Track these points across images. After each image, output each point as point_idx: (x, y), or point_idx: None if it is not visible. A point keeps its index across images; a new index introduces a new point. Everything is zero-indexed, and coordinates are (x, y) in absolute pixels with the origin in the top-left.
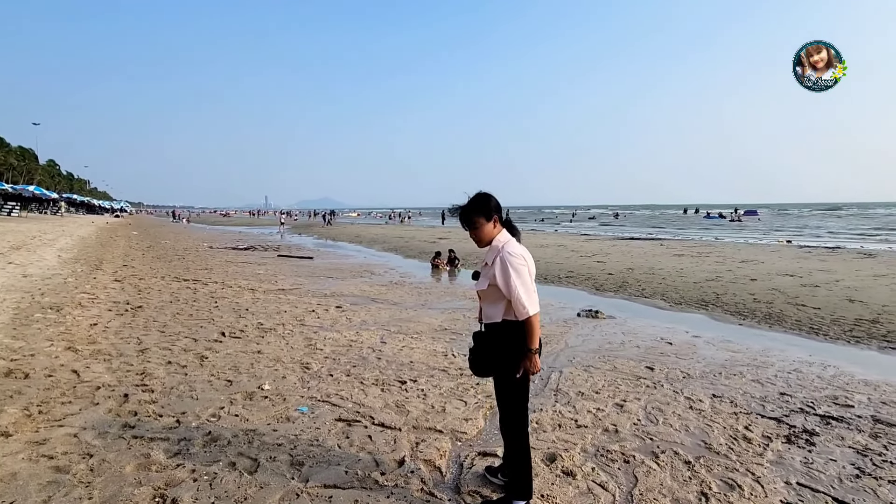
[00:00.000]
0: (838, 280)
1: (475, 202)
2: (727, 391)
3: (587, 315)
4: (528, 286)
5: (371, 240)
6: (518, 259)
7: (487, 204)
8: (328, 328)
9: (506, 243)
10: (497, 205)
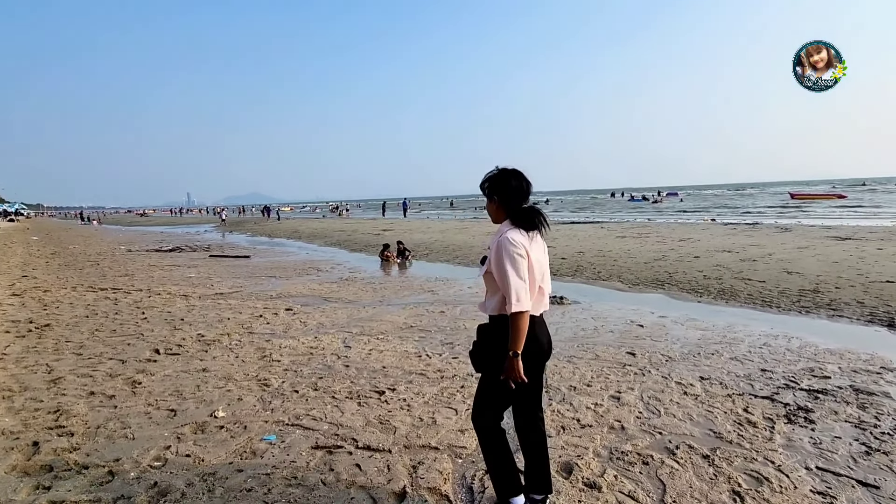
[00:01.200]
0: (770, 254)
1: (488, 175)
2: (712, 372)
3: (552, 301)
4: (522, 278)
5: (311, 235)
6: (517, 248)
7: (493, 182)
8: (281, 335)
9: (510, 230)
10: (505, 187)
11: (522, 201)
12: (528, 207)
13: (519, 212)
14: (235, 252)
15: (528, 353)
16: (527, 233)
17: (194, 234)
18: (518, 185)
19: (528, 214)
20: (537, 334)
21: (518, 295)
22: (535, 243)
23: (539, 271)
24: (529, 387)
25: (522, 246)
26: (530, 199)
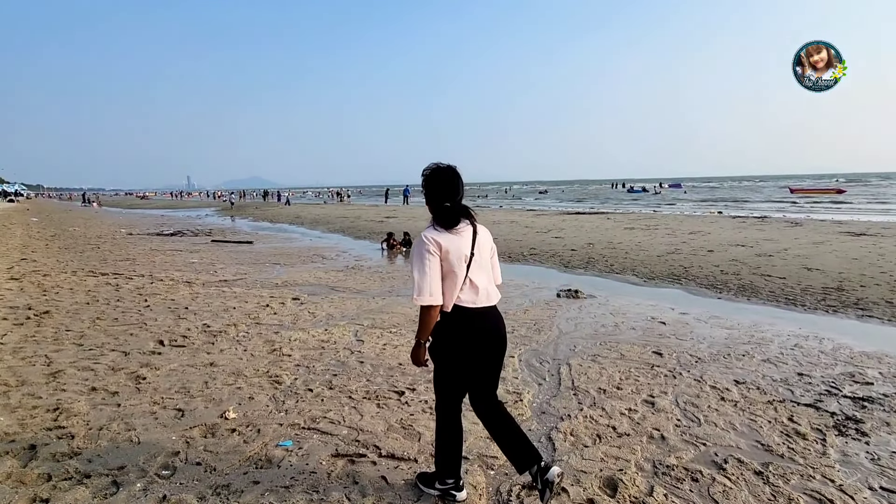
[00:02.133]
0: (786, 249)
1: (422, 174)
2: (747, 375)
3: (567, 295)
4: (428, 274)
5: (313, 221)
6: (428, 245)
7: (423, 181)
8: (290, 326)
9: (428, 228)
10: (429, 186)
11: (445, 199)
12: (450, 206)
13: (440, 210)
14: (238, 237)
15: (467, 344)
16: (447, 230)
17: (195, 219)
18: (440, 185)
19: (447, 213)
20: (475, 326)
21: (420, 288)
22: (460, 238)
23: (461, 265)
24: (476, 376)
25: (435, 243)
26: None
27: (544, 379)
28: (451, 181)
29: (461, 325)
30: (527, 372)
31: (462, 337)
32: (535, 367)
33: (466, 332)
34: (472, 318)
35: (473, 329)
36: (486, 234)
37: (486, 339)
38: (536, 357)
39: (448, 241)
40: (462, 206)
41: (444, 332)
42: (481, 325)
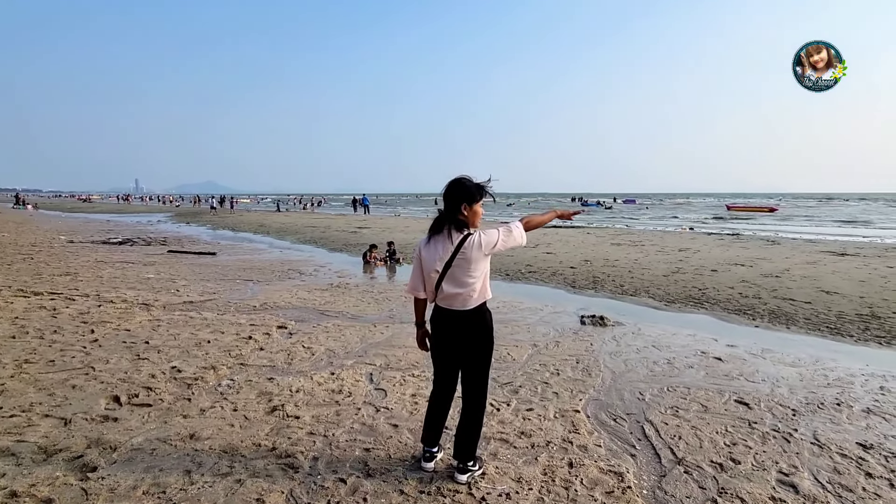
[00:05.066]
0: (786, 269)
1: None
2: (866, 435)
3: (593, 322)
4: (413, 272)
5: (280, 230)
6: (415, 251)
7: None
8: (285, 369)
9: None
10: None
11: (444, 208)
12: (437, 217)
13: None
14: (198, 247)
15: (434, 334)
16: (429, 238)
17: (146, 225)
18: (444, 196)
19: (434, 222)
20: (436, 320)
21: (409, 283)
22: (437, 243)
23: (430, 269)
24: (440, 362)
25: (418, 248)
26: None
27: (634, 447)
28: (444, 193)
29: (433, 318)
30: (605, 435)
31: (432, 328)
32: (612, 428)
33: (431, 324)
34: (435, 314)
35: (433, 323)
36: (474, 243)
37: (441, 334)
38: (606, 411)
39: (425, 246)
40: (445, 216)
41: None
42: (441, 322)
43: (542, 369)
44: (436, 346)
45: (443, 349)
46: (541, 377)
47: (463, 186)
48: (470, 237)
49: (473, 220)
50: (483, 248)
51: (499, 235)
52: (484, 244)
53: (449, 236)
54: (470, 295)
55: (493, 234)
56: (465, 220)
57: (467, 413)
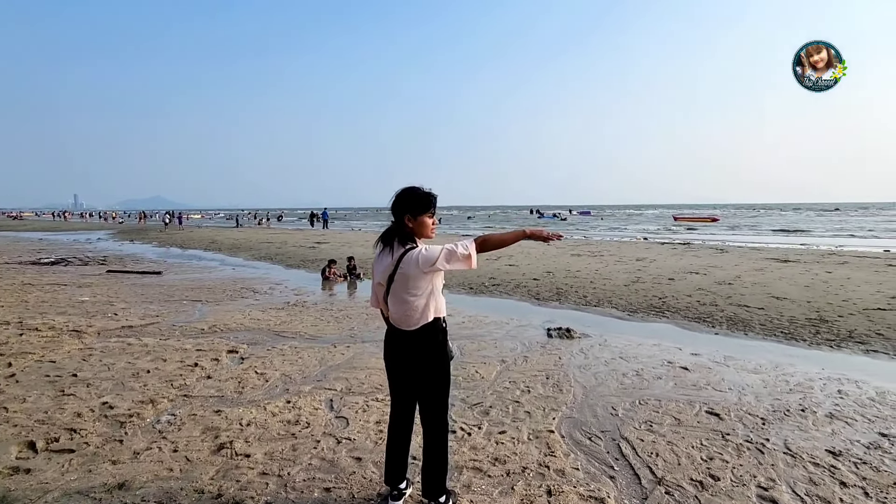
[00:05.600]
0: (737, 276)
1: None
2: (833, 441)
3: (560, 335)
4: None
5: (232, 246)
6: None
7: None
8: (235, 399)
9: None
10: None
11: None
12: (387, 228)
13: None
14: (142, 266)
15: (385, 354)
16: (380, 250)
17: (84, 243)
18: (390, 207)
19: (382, 233)
20: (387, 340)
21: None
22: (383, 256)
23: (375, 281)
24: (394, 387)
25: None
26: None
27: (612, 468)
28: (391, 204)
29: (385, 338)
30: (582, 456)
31: (384, 349)
32: (588, 448)
33: (385, 346)
34: (387, 333)
35: (387, 344)
36: (412, 258)
37: (388, 355)
38: (580, 430)
39: (376, 260)
40: (389, 231)
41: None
42: (389, 341)
43: (513, 387)
44: (388, 370)
45: (394, 372)
46: (511, 395)
47: (407, 196)
48: (409, 252)
49: (421, 232)
50: (420, 265)
51: (440, 254)
52: (422, 261)
53: (392, 249)
54: (410, 313)
55: (435, 251)
56: (411, 233)
57: (428, 445)
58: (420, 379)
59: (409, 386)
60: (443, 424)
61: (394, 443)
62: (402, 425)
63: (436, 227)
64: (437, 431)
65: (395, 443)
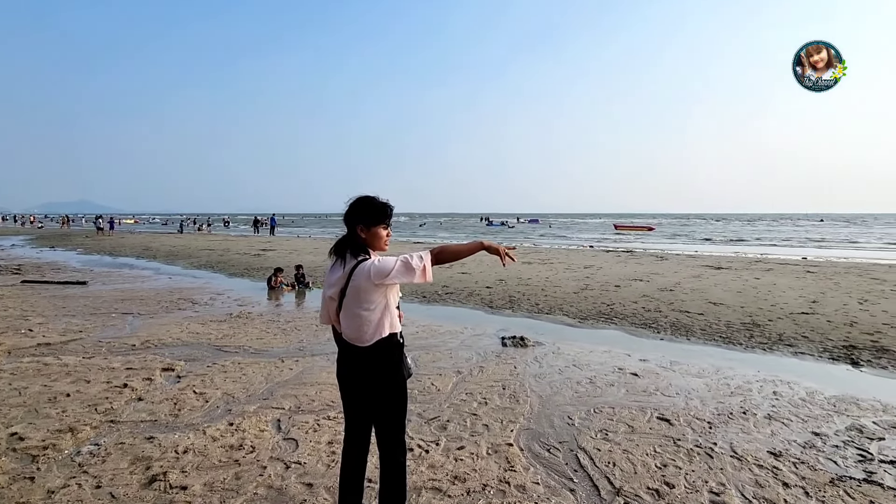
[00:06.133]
0: (677, 283)
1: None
2: (773, 442)
3: (514, 343)
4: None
5: (169, 253)
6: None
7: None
8: (170, 424)
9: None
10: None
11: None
12: (339, 238)
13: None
14: (64, 276)
15: (337, 373)
16: (333, 262)
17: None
18: (343, 216)
19: (335, 244)
20: (339, 357)
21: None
22: (336, 268)
23: (326, 295)
24: (348, 407)
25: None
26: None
27: (571, 479)
28: (344, 213)
29: (338, 355)
30: (542, 469)
31: (337, 366)
32: (547, 460)
33: (337, 364)
34: (339, 350)
35: (339, 362)
36: (363, 270)
37: (339, 374)
38: (538, 441)
39: (328, 273)
40: (341, 242)
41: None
42: (340, 359)
43: (470, 399)
44: (341, 389)
45: (348, 392)
46: (468, 408)
47: (362, 206)
48: (361, 264)
49: (374, 244)
50: (372, 278)
51: (395, 266)
52: (374, 273)
53: (343, 261)
54: (364, 329)
55: (389, 263)
56: (364, 244)
57: (385, 467)
58: (376, 398)
59: (364, 406)
60: (400, 445)
61: (348, 466)
62: (358, 447)
63: (390, 238)
64: (395, 453)
65: (349, 466)
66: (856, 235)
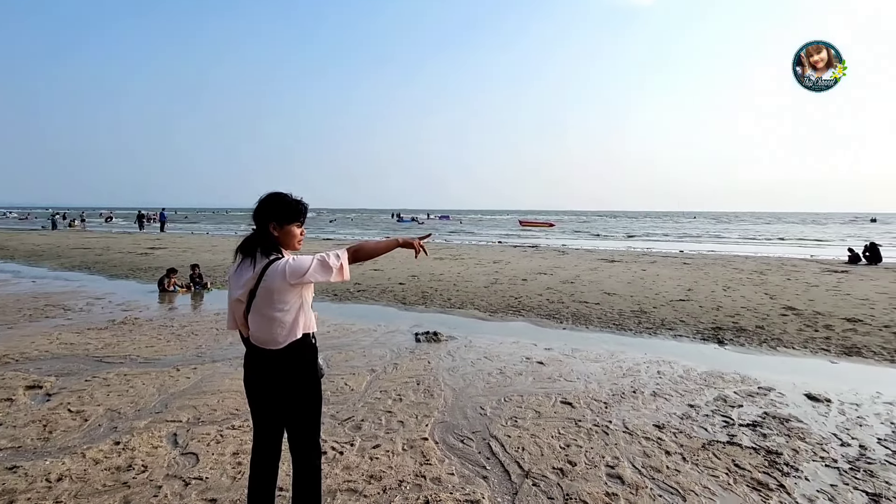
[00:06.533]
0: (577, 276)
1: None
2: (658, 416)
3: (427, 339)
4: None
5: (32, 253)
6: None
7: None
8: (39, 449)
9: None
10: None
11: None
12: (247, 236)
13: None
14: None
15: (244, 378)
16: (238, 262)
17: None
18: (253, 213)
19: (242, 242)
20: (247, 362)
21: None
22: (243, 268)
23: (233, 297)
24: (257, 414)
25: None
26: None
27: (484, 467)
28: (253, 210)
29: (245, 360)
30: (456, 460)
31: (245, 372)
32: (461, 451)
33: (245, 369)
34: (247, 355)
35: (248, 367)
36: (277, 270)
37: (247, 379)
38: (453, 433)
39: (233, 274)
40: (250, 240)
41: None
42: (247, 363)
43: (384, 396)
44: (250, 395)
45: (258, 398)
46: (383, 406)
47: (274, 203)
48: (274, 263)
49: (288, 243)
50: (288, 277)
51: (311, 265)
52: (289, 272)
53: (253, 261)
54: (277, 331)
55: (305, 261)
56: (276, 243)
57: (299, 474)
58: (289, 402)
59: (276, 411)
60: (315, 448)
61: (258, 476)
62: (268, 455)
63: (304, 237)
64: (310, 456)
65: (259, 476)
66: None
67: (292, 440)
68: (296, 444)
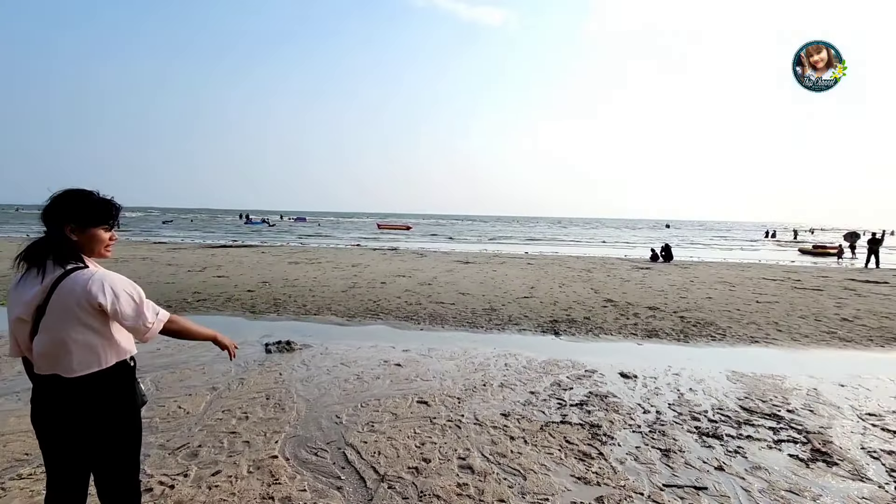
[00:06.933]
0: (434, 277)
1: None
2: (504, 405)
3: (279, 349)
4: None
5: None
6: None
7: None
8: None
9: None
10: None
11: (45, 230)
12: (33, 242)
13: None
14: None
15: (31, 416)
16: (23, 273)
17: None
18: (42, 214)
19: (25, 249)
20: (36, 395)
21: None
22: (31, 279)
23: (14, 315)
24: (52, 459)
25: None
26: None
27: (339, 478)
28: (43, 210)
29: (32, 394)
30: (308, 475)
31: (33, 408)
32: (314, 464)
33: (34, 404)
34: (35, 387)
35: (37, 401)
36: (76, 287)
37: (36, 414)
38: (305, 447)
39: (14, 288)
40: (37, 245)
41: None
42: (35, 396)
43: (227, 416)
44: (41, 436)
45: (53, 439)
46: (226, 427)
47: (73, 200)
48: (73, 274)
49: (93, 248)
50: (93, 298)
51: (127, 302)
52: (96, 291)
53: (42, 271)
54: (73, 356)
55: (121, 293)
56: (75, 248)
57: None
58: (97, 440)
59: (79, 452)
60: (134, 490)
61: None
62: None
63: (114, 243)
64: (127, 501)
65: None
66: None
67: (102, 485)
68: (107, 488)
